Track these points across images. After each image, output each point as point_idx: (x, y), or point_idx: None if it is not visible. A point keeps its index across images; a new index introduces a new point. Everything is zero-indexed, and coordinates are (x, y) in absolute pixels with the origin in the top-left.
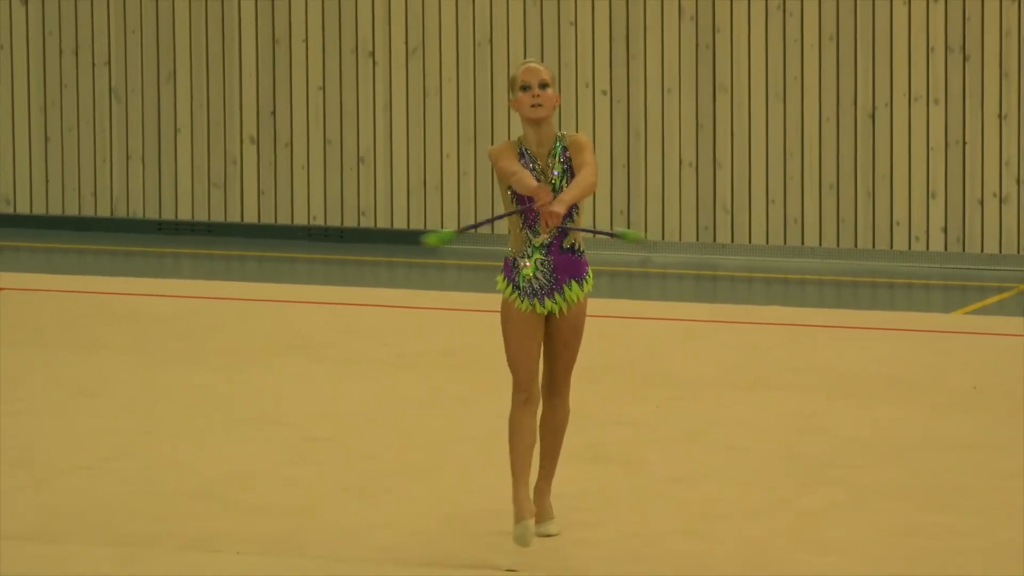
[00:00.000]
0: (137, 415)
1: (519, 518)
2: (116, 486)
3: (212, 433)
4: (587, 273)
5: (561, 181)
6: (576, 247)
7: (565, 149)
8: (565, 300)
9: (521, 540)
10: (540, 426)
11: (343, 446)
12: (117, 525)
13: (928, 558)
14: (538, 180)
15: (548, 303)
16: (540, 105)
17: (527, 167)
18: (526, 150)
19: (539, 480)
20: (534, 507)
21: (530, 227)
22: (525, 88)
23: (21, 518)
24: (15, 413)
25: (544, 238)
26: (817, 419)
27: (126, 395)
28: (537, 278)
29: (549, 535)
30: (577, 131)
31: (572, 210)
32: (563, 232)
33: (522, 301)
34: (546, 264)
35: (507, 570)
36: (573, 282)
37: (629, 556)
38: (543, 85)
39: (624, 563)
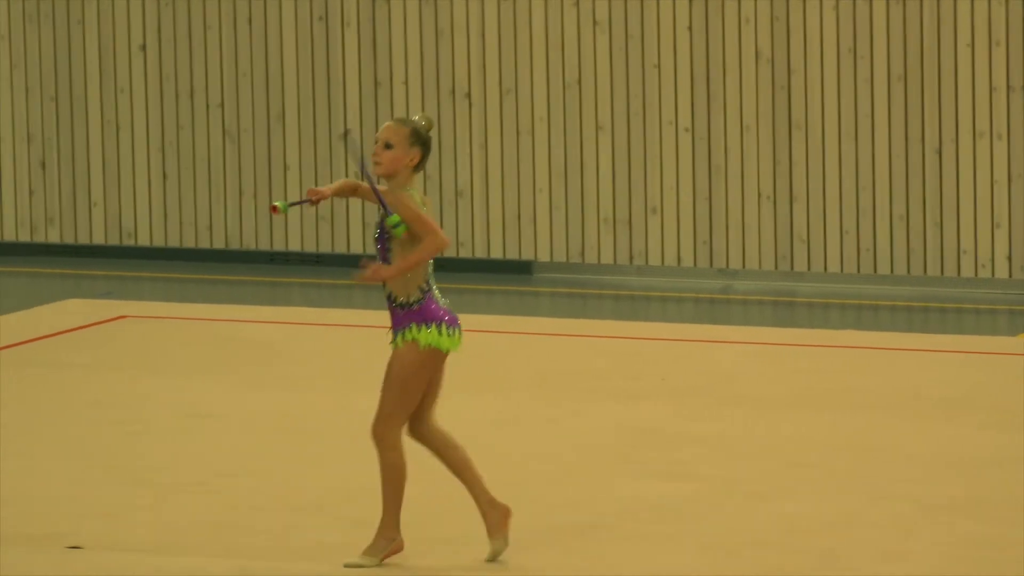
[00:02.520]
0: (248, 435)
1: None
2: (229, 502)
3: (318, 451)
4: (410, 327)
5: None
6: (395, 298)
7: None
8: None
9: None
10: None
11: (435, 462)
12: (230, 538)
13: (991, 568)
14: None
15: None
16: (378, 163)
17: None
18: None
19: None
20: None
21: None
22: (377, 141)
23: (140, 533)
24: (135, 433)
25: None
26: (886, 437)
27: (238, 416)
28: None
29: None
30: (662, 165)
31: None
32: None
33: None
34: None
35: None
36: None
37: (709, 567)
38: (387, 145)
39: (704, 573)
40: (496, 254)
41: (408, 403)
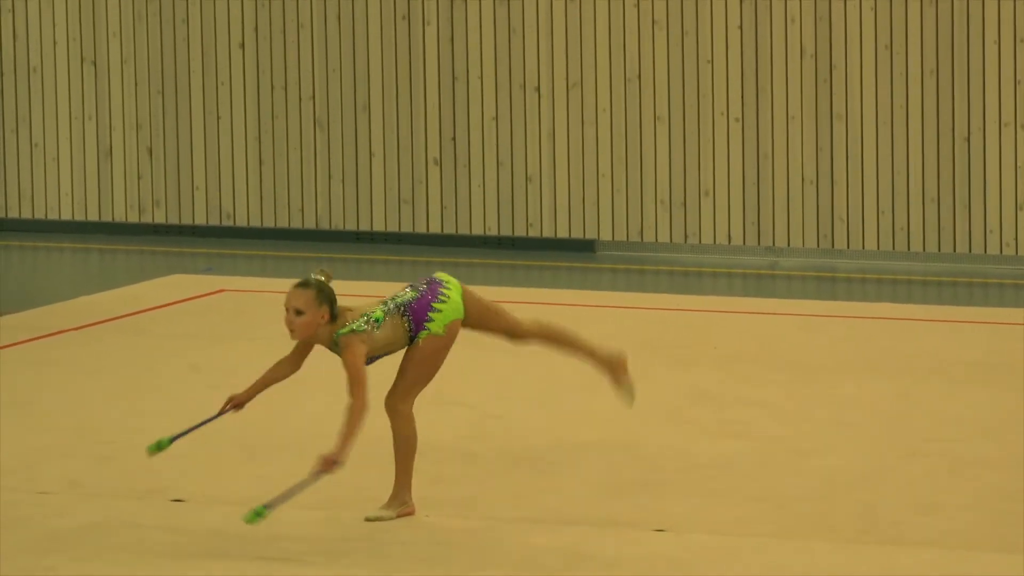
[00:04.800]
0: (339, 399)
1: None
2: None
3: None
4: (423, 326)
5: None
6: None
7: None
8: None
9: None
10: None
11: (514, 423)
12: (322, 492)
13: (1017, 519)
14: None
15: None
16: (292, 331)
17: None
18: None
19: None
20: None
21: None
22: (287, 309)
23: (238, 487)
24: None
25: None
26: (918, 399)
27: (326, 383)
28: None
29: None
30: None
31: None
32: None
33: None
34: None
35: (656, 529)
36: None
37: (758, 517)
38: (297, 312)
39: (753, 523)
40: (563, 234)
41: (429, 380)
